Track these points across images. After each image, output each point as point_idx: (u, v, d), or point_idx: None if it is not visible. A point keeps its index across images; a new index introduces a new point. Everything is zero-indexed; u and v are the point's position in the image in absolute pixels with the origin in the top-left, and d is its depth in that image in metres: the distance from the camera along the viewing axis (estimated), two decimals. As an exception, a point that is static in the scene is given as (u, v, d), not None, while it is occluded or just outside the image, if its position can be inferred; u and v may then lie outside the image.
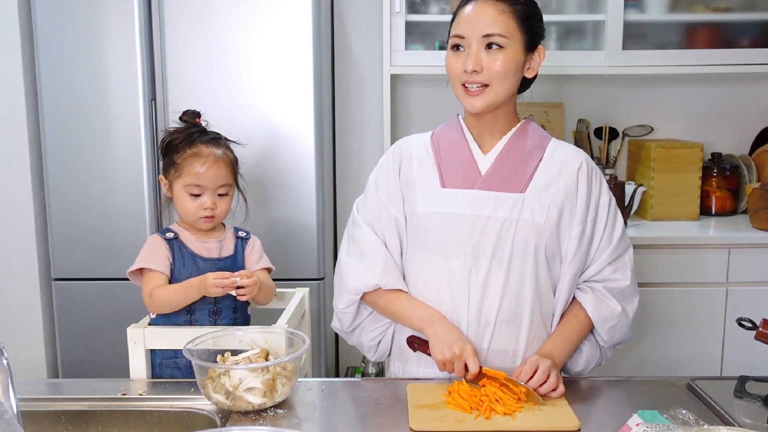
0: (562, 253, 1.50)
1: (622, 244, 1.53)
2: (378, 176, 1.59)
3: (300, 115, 2.39)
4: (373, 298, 1.54)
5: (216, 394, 1.31)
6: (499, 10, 1.44)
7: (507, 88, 1.47)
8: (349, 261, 1.56)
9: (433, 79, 2.89)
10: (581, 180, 1.50)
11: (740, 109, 3.01)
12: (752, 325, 1.35)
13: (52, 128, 2.40)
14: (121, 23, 2.35)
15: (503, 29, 1.43)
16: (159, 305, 1.64)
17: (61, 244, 2.45)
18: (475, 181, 1.49)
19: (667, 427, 1.15)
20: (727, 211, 2.87)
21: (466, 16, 1.46)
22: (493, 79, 1.44)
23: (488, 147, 1.53)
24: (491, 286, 1.46)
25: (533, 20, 1.48)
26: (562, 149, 1.54)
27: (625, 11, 2.63)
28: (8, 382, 0.97)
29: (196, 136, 1.69)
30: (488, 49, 1.44)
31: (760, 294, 2.53)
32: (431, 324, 1.44)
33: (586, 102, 2.99)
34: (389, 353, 1.63)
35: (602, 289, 1.51)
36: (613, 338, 1.53)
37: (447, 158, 1.53)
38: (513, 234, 1.45)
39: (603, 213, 1.51)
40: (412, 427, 1.24)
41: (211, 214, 1.68)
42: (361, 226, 1.57)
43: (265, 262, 1.79)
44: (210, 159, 1.67)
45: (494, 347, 1.47)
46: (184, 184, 1.67)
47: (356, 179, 3.02)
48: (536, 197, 1.47)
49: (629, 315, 1.53)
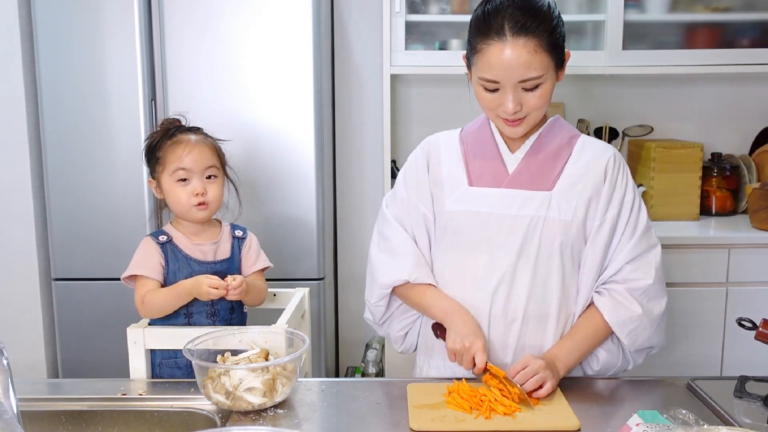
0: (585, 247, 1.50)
1: (645, 242, 1.50)
2: (407, 173, 1.60)
3: (300, 115, 2.39)
4: (403, 291, 1.56)
5: (216, 394, 1.31)
6: (531, 50, 1.37)
7: (545, 109, 1.48)
8: (380, 256, 1.58)
9: (433, 79, 2.89)
10: (608, 175, 1.49)
11: (740, 109, 3.01)
12: (752, 325, 1.35)
13: (52, 128, 2.40)
14: (121, 23, 2.35)
15: (539, 70, 1.39)
16: (151, 309, 1.63)
17: (61, 244, 2.45)
18: (503, 179, 1.50)
19: (667, 427, 1.14)
20: (727, 211, 2.87)
21: (497, 62, 1.38)
22: (533, 110, 1.44)
23: (516, 145, 1.53)
24: (518, 282, 1.47)
25: (559, 39, 1.44)
26: (591, 146, 1.53)
27: (625, 11, 2.63)
28: (8, 382, 0.97)
29: (174, 130, 1.69)
30: (525, 89, 1.41)
31: (760, 294, 2.53)
32: (452, 315, 1.46)
33: (586, 102, 2.99)
34: (416, 347, 1.66)
35: (623, 291, 1.47)
36: (636, 342, 1.48)
37: (475, 157, 1.54)
38: (540, 232, 1.46)
39: (626, 211, 1.49)
40: (412, 427, 1.24)
41: (203, 200, 1.66)
42: (391, 222, 1.59)
43: (263, 261, 1.78)
44: (190, 143, 1.67)
45: (522, 343, 1.48)
46: (170, 172, 1.65)
47: (356, 179, 3.02)
48: (563, 195, 1.47)
49: (653, 316, 1.48)
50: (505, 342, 1.48)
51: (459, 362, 1.41)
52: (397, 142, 2.96)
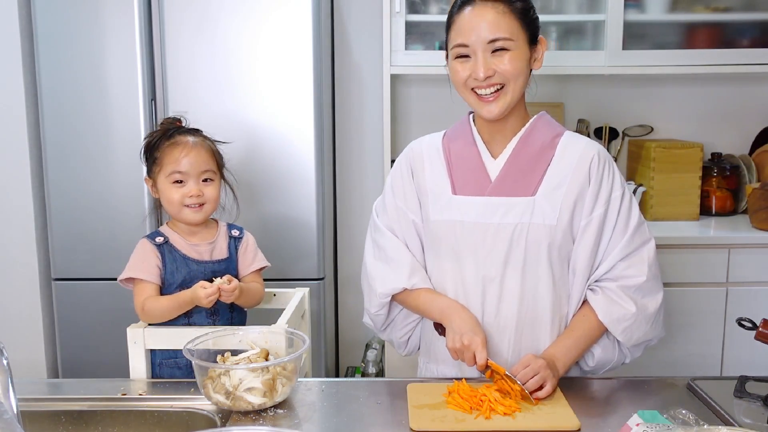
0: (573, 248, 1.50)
1: (638, 238, 1.49)
2: (393, 180, 1.61)
3: (300, 115, 2.39)
4: (400, 296, 1.57)
5: (216, 394, 1.31)
6: (499, 11, 1.40)
7: (521, 87, 1.46)
8: (375, 265, 1.59)
9: (433, 79, 2.89)
10: (592, 173, 1.47)
11: (740, 109, 3.01)
12: (752, 325, 1.35)
13: (52, 128, 2.40)
14: (121, 23, 2.35)
15: (507, 31, 1.41)
16: (152, 317, 1.62)
17: (61, 244, 2.45)
18: (485, 187, 1.49)
19: (667, 427, 1.14)
20: (727, 211, 2.87)
21: (466, 24, 1.42)
22: (508, 79, 1.43)
23: (499, 150, 1.52)
24: (507, 290, 1.47)
25: (530, 13, 1.46)
26: (575, 144, 1.51)
27: (625, 11, 2.63)
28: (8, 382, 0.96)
29: (173, 131, 1.69)
30: (494, 52, 1.42)
31: (760, 294, 2.53)
32: (449, 315, 1.46)
33: (586, 102, 2.99)
34: (419, 348, 1.67)
35: (615, 288, 1.47)
36: (631, 339, 1.48)
37: (458, 165, 1.53)
38: (525, 239, 1.46)
39: (615, 207, 1.47)
40: (412, 427, 1.24)
41: (197, 201, 1.65)
42: (383, 230, 1.59)
43: (260, 261, 1.77)
44: (188, 145, 1.66)
45: (518, 349, 1.48)
46: (166, 174, 1.65)
47: (356, 179, 3.02)
48: (547, 199, 1.46)
49: (647, 313, 1.47)
50: (500, 349, 1.48)
51: (460, 359, 1.42)
52: (397, 142, 2.96)
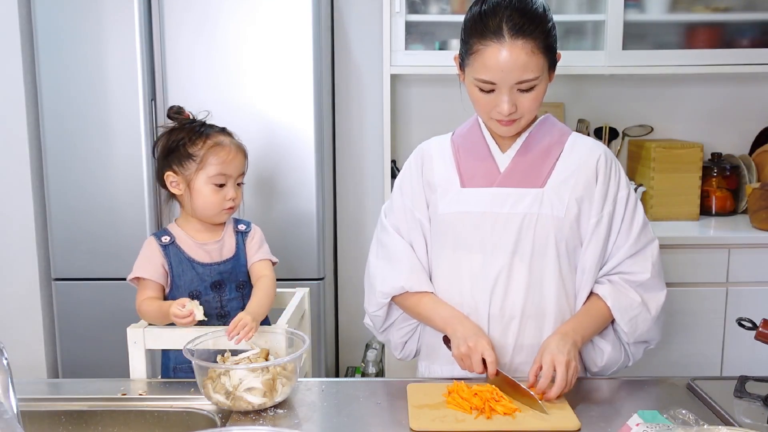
0: (582, 246, 1.50)
1: (643, 238, 1.51)
2: (402, 180, 1.61)
3: (300, 115, 2.39)
4: (401, 300, 1.57)
5: (216, 394, 1.31)
6: (528, 52, 1.37)
7: (536, 109, 1.48)
8: (377, 263, 1.59)
9: (433, 79, 2.89)
10: (600, 173, 1.49)
11: (740, 109, 3.01)
12: (752, 325, 1.35)
13: (52, 128, 2.40)
14: (121, 23, 2.35)
15: (535, 71, 1.39)
16: (145, 319, 1.63)
17: (61, 244, 2.45)
18: (495, 179, 1.50)
19: (667, 427, 1.15)
20: (727, 211, 2.87)
21: (494, 63, 1.38)
22: (527, 112, 1.45)
23: (507, 144, 1.53)
24: (514, 281, 1.47)
25: (553, 41, 1.44)
26: (582, 143, 1.54)
27: (625, 11, 2.63)
28: (8, 382, 0.96)
29: (205, 128, 1.68)
30: (520, 90, 1.41)
31: (760, 294, 2.53)
32: (453, 324, 1.46)
33: (586, 102, 2.99)
34: (416, 354, 1.66)
35: (620, 280, 1.49)
36: (636, 331, 1.49)
37: (466, 158, 1.55)
38: (533, 229, 1.46)
39: (621, 207, 1.50)
40: (412, 427, 1.24)
41: (233, 204, 1.69)
42: (388, 230, 1.59)
43: (265, 252, 1.75)
44: (233, 148, 1.68)
45: (521, 342, 1.48)
46: (209, 175, 1.64)
47: (356, 180, 3.02)
48: (555, 191, 1.47)
49: (651, 309, 1.49)
50: (504, 341, 1.49)
51: (468, 368, 1.40)
52: (397, 142, 2.96)
